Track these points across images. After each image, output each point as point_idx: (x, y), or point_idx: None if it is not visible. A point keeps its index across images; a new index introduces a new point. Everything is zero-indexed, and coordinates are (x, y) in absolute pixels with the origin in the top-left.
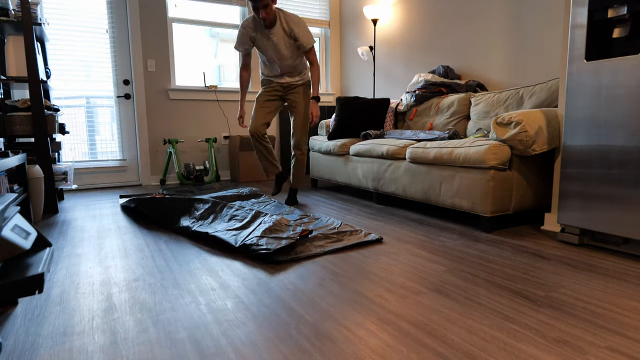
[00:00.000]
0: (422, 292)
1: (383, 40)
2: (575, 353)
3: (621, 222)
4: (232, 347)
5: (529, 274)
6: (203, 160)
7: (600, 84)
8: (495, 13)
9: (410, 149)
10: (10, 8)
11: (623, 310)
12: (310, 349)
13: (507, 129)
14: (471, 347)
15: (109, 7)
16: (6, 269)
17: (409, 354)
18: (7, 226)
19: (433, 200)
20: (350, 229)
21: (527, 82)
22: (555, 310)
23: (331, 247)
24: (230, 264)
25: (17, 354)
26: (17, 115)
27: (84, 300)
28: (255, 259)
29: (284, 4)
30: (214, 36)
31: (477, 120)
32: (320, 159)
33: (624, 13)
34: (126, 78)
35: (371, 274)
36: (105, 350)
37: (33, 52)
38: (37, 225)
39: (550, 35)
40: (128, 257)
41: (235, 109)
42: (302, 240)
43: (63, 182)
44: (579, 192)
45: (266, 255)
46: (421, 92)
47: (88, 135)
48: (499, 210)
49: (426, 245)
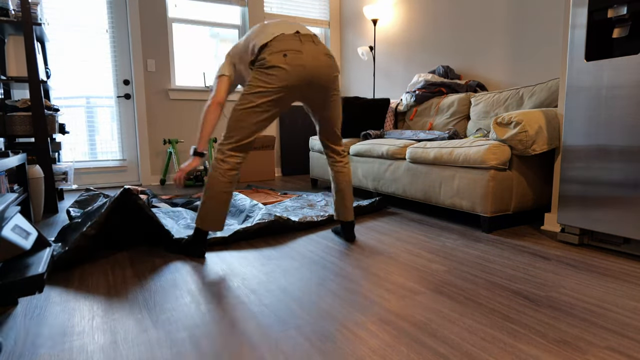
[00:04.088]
0: (422, 292)
1: (383, 40)
2: (575, 353)
3: (621, 222)
4: (232, 347)
5: (529, 274)
6: (203, 161)
7: (600, 84)
8: (495, 13)
9: (410, 149)
10: (10, 8)
11: (623, 310)
12: (310, 349)
13: (507, 129)
14: (471, 347)
15: (109, 7)
16: (6, 269)
17: (409, 354)
18: (7, 226)
19: (433, 200)
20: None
21: (527, 82)
22: (555, 310)
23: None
24: (229, 263)
25: (17, 354)
26: (17, 115)
27: (84, 300)
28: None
29: (284, 4)
30: (214, 36)
31: (477, 120)
32: (320, 159)
33: (624, 13)
34: (126, 78)
35: (371, 274)
36: (105, 350)
37: (33, 52)
38: (37, 225)
39: (550, 35)
40: (128, 255)
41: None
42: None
43: (63, 182)
44: (579, 192)
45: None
46: (421, 92)
47: (88, 135)
48: (499, 210)
49: (426, 245)
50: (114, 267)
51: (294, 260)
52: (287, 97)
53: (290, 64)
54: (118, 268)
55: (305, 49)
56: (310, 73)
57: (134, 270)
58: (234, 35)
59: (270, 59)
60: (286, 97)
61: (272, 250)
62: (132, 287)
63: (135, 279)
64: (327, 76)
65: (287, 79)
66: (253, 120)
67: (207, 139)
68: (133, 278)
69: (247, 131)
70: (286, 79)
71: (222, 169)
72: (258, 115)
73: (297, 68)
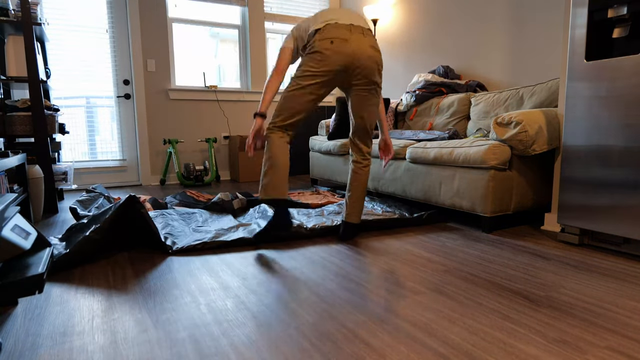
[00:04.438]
0: (422, 292)
1: (383, 40)
2: (575, 353)
3: (621, 222)
4: (232, 347)
5: (529, 274)
6: (203, 160)
7: (600, 84)
8: (496, 13)
9: (410, 149)
10: (10, 8)
11: (623, 310)
12: (310, 349)
13: (507, 129)
14: (471, 347)
15: (109, 7)
16: (6, 269)
17: (409, 354)
18: (7, 226)
19: (433, 200)
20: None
21: (527, 82)
22: (555, 310)
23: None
24: (230, 263)
25: (17, 354)
26: (17, 115)
27: (84, 300)
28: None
29: (284, 4)
30: (214, 36)
31: (477, 120)
32: (320, 159)
33: (624, 13)
34: (126, 78)
35: (371, 274)
36: (105, 350)
37: (33, 52)
38: (37, 225)
39: (550, 35)
40: (127, 254)
41: (235, 108)
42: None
43: (63, 182)
44: (579, 192)
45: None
46: (421, 92)
47: (88, 135)
48: (499, 210)
49: (426, 245)
50: (114, 267)
51: (294, 260)
52: (332, 81)
53: (335, 50)
54: (118, 268)
55: (352, 38)
56: (352, 60)
57: (134, 270)
58: (234, 35)
59: (318, 44)
60: (331, 80)
61: (272, 250)
62: (132, 287)
63: (135, 279)
64: (368, 67)
65: (331, 63)
66: (300, 101)
67: (269, 103)
68: (133, 278)
69: (293, 111)
70: (330, 64)
71: (275, 142)
72: (304, 97)
73: (340, 54)
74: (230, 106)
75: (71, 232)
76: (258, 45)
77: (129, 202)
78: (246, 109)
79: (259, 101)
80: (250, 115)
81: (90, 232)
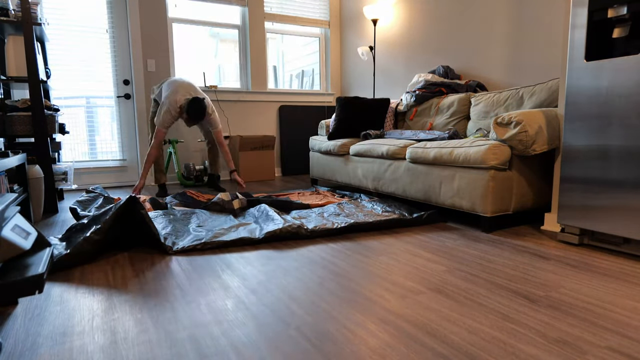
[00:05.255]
0: (422, 292)
1: (383, 40)
2: (575, 353)
3: (621, 222)
4: (232, 347)
5: (529, 274)
6: (203, 160)
7: (600, 84)
8: (496, 13)
9: (410, 149)
10: (10, 8)
11: (623, 310)
12: (310, 349)
13: (507, 129)
14: (471, 347)
15: (109, 7)
16: (6, 269)
17: (409, 354)
18: (7, 226)
19: (433, 200)
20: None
21: (527, 82)
22: (555, 310)
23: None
24: (230, 263)
25: (17, 354)
26: (17, 115)
27: (84, 300)
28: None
29: (284, 4)
30: (214, 36)
31: (477, 120)
32: (320, 159)
33: (624, 13)
34: (126, 78)
35: (371, 274)
36: (105, 350)
37: (33, 52)
38: (37, 225)
39: (550, 35)
40: (127, 255)
41: (235, 108)
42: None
43: (63, 182)
44: (579, 192)
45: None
46: (421, 92)
47: (88, 135)
48: (499, 210)
49: (426, 245)
50: (114, 267)
51: (294, 260)
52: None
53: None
54: (118, 268)
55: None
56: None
57: (134, 270)
58: (234, 35)
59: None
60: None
61: (272, 250)
62: (132, 287)
63: (135, 279)
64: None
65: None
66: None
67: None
68: (133, 278)
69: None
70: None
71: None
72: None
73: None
74: (230, 106)
75: (71, 232)
76: (258, 45)
77: (129, 202)
78: (246, 108)
79: (258, 101)
80: (251, 115)
81: (90, 233)
